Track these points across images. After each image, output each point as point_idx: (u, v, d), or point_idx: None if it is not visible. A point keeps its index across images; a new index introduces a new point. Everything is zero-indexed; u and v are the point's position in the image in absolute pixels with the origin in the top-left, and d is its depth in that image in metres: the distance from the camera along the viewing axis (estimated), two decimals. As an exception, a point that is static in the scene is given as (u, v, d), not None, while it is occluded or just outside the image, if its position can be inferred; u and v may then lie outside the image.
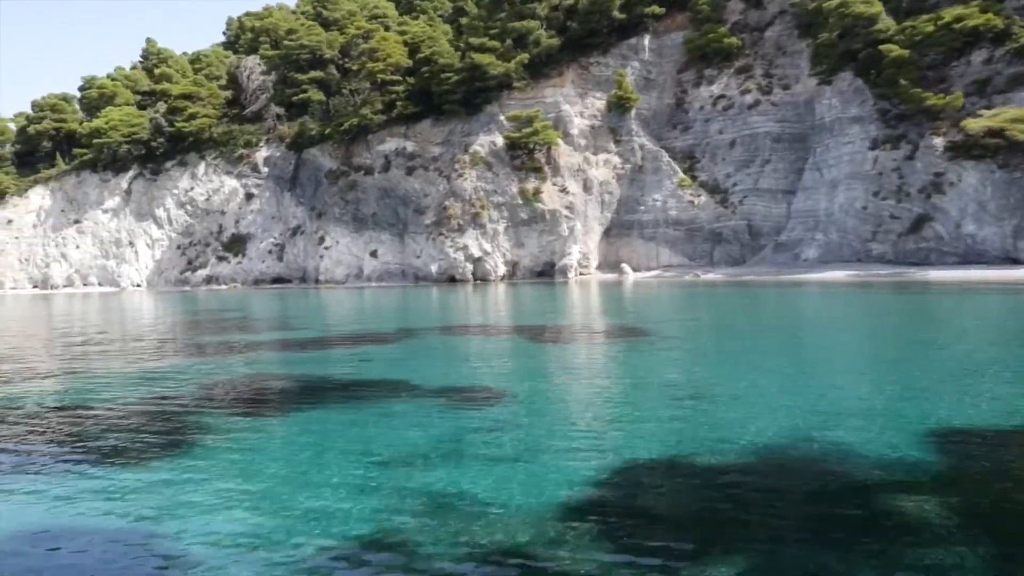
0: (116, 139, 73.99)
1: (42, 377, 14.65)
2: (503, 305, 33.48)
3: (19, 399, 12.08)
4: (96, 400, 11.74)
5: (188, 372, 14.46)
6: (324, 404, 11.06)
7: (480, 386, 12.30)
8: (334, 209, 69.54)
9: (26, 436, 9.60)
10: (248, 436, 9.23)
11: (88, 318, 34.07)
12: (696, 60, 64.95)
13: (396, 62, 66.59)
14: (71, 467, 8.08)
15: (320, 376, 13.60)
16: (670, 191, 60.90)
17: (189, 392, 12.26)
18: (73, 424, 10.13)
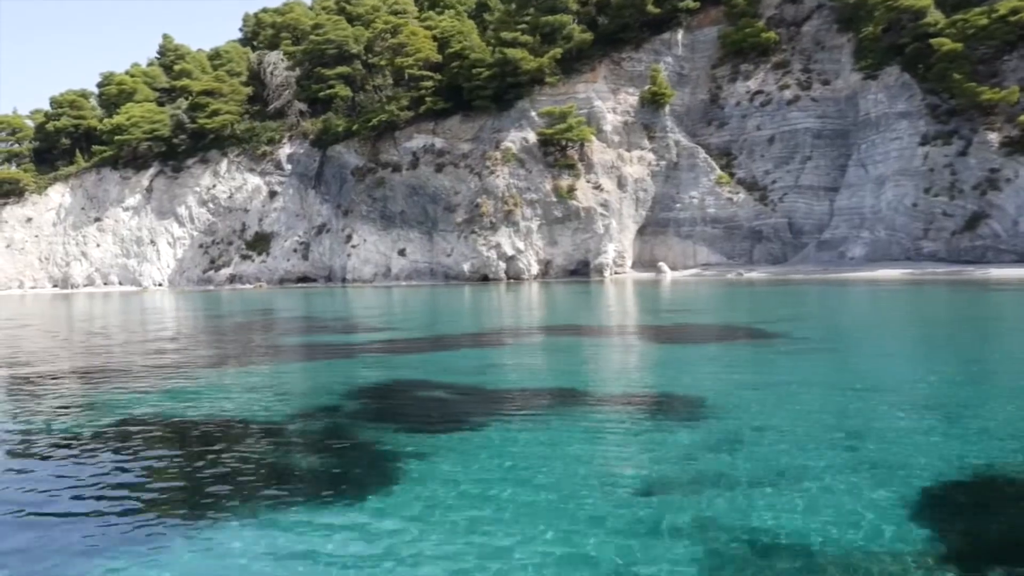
0: (137, 136, 72.80)
1: (178, 398, 13.55)
2: (569, 304, 32.38)
3: (161, 413, 10.96)
4: (247, 416, 10.61)
5: (321, 378, 13.36)
6: (506, 417, 9.93)
7: (663, 394, 11.20)
8: (361, 207, 68.40)
9: (191, 464, 8.47)
10: (446, 457, 8.04)
11: (142, 319, 32.93)
12: (731, 55, 63.83)
13: (425, 57, 65.39)
14: (255, 507, 6.67)
15: (472, 384, 12.47)
16: (708, 188, 59.78)
17: (343, 405, 11.13)
18: (236, 447, 8.96)
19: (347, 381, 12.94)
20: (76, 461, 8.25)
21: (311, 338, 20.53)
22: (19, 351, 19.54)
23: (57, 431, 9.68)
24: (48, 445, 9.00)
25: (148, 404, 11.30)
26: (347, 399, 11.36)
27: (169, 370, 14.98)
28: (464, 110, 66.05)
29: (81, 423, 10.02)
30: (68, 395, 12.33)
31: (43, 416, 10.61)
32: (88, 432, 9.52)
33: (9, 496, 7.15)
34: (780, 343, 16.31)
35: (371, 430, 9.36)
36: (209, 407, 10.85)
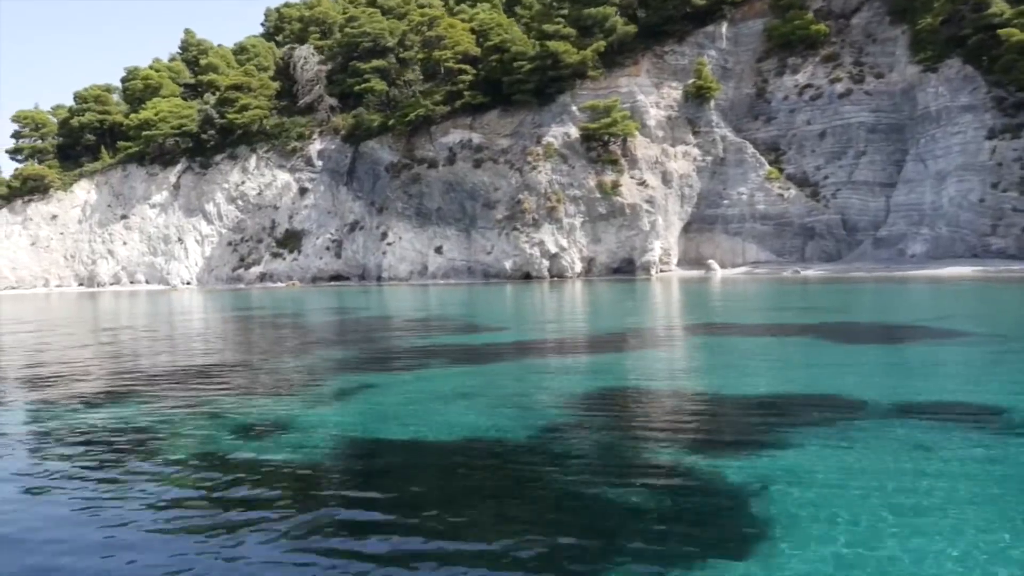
0: (165, 131, 71.35)
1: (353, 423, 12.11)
2: (659, 301, 30.93)
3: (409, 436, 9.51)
4: (506, 434, 9.17)
5: (533, 384, 11.90)
6: (822, 428, 8.48)
7: (960, 403, 9.74)
8: (396, 204, 66.92)
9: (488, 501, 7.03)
10: (799, 481, 6.64)
11: (222, 325, 31.46)
12: (777, 48, 62.43)
13: (464, 50, 63.90)
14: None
15: (735, 393, 11.00)
16: (757, 184, 58.35)
17: (618, 420, 9.67)
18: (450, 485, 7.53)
19: (565, 390, 11.48)
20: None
21: (446, 339, 19.00)
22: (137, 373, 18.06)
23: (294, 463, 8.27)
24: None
25: (394, 423, 9.87)
26: (605, 412, 9.92)
27: (363, 387, 13.54)
28: (503, 105, 64.62)
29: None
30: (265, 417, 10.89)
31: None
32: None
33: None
34: (984, 342, 14.88)
35: (684, 453, 7.89)
36: (455, 428, 9.42)
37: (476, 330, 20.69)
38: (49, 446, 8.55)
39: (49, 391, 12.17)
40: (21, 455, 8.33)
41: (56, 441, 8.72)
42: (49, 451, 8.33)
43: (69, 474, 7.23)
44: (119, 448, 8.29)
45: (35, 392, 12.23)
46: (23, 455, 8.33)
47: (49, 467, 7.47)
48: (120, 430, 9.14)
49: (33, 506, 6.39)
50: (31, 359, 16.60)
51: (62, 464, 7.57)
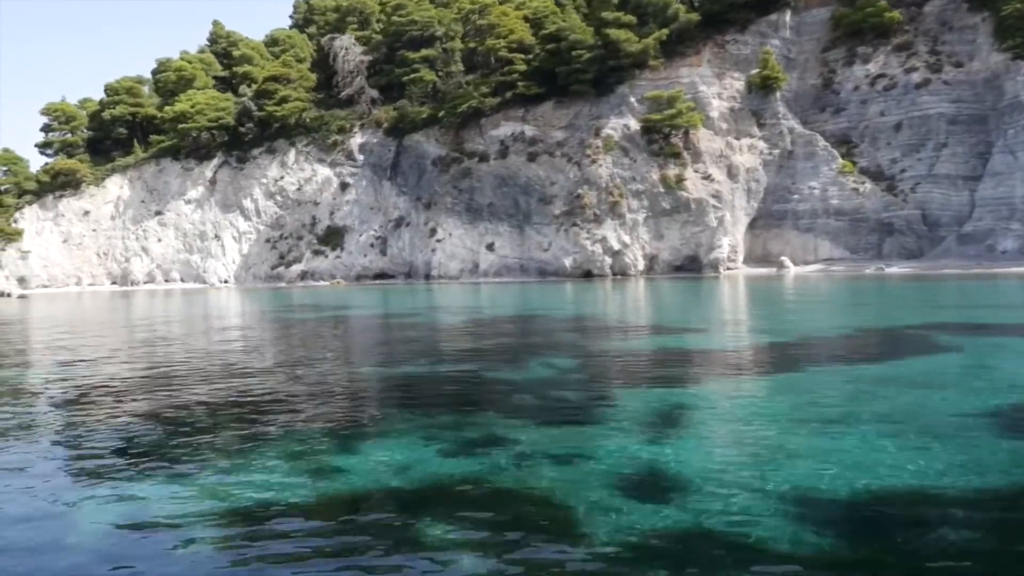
0: (202, 124, 68.86)
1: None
2: (789, 301, 28.49)
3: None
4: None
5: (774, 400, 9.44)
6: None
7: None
8: (445, 199, 64.47)
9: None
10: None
11: (336, 334, 28.92)
12: (845, 37, 60.09)
13: (519, 39, 61.44)
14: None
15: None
16: (829, 178, 55.96)
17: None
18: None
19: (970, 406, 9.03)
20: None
21: (673, 342, 16.62)
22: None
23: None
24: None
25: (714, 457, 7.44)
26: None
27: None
28: (558, 96, 62.23)
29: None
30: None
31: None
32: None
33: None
34: None
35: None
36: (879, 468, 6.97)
37: (675, 331, 18.23)
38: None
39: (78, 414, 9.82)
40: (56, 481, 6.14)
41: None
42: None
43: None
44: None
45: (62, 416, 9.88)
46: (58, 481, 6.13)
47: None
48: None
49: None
50: (64, 373, 14.18)
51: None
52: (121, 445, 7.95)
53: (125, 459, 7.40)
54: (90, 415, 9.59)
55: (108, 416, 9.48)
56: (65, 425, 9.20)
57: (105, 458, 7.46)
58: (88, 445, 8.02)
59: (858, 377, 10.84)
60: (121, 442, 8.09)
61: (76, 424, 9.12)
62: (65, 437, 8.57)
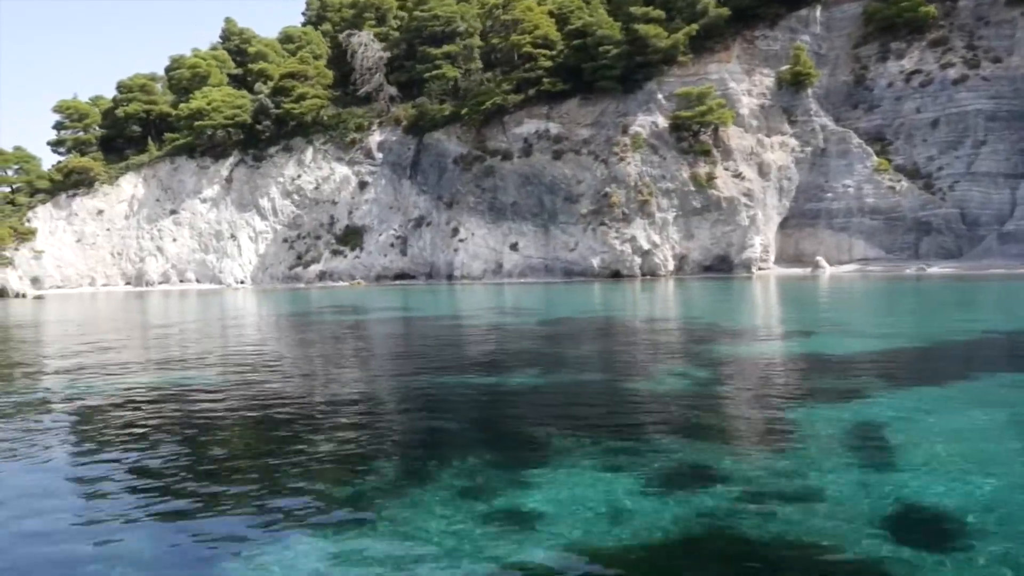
0: (219, 121, 67.57)
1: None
2: (855, 302, 27.24)
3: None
4: None
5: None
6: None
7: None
8: (468, 198, 63.19)
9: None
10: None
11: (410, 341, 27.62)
12: (878, 33, 58.84)
13: (544, 34, 60.18)
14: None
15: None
16: (864, 176, 54.71)
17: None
18: None
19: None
20: None
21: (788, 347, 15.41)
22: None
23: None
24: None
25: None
26: None
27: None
28: (583, 92, 60.97)
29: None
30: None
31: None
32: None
33: None
34: None
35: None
36: None
37: (781, 335, 16.97)
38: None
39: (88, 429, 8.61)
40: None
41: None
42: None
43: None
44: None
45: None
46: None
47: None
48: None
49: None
50: (72, 383, 12.96)
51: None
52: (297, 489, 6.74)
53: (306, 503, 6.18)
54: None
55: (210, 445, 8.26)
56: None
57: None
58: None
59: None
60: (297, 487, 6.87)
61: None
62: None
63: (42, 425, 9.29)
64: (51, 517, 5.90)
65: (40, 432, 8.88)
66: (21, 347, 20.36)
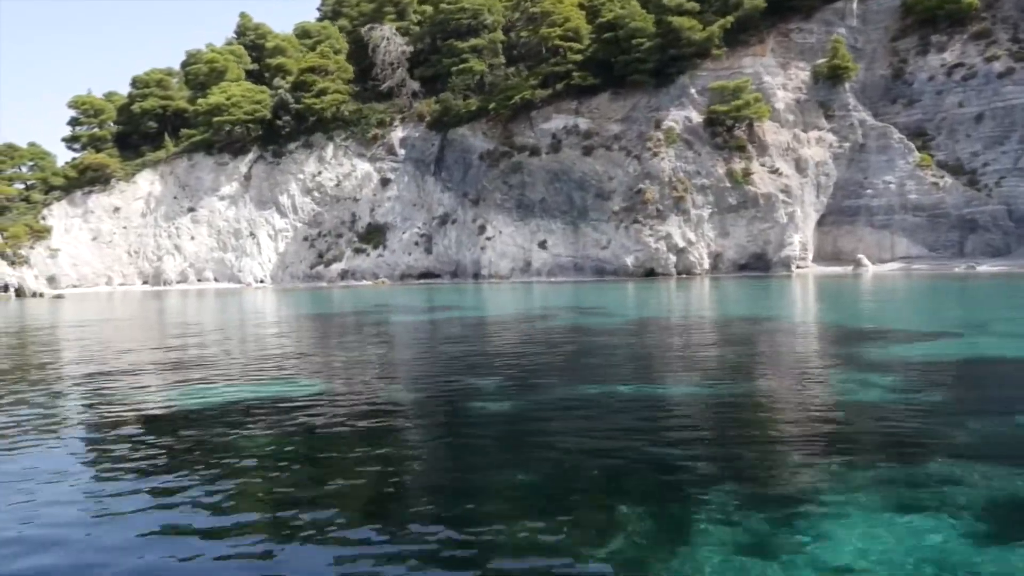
0: (238, 117, 66.09)
1: None
2: (952, 303, 25.78)
3: None
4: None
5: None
6: None
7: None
8: (494, 195, 61.75)
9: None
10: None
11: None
12: (917, 25, 57.44)
13: (576, 27, 58.73)
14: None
15: None
16: (907, 172, 53.27)
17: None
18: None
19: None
20: None
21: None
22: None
23: None
24: None
25: None
26: None
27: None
28: (613, 87, 59.55)
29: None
30: None
31: None
32: None
33: None
34: None
35: None
36: None
37: (928, 336, 15.50)
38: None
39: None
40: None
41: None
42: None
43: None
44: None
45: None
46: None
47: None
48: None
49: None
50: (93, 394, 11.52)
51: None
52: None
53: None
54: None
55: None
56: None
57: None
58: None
59: None
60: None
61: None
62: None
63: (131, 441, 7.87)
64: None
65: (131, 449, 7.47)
66: (62, 351, 18.93)
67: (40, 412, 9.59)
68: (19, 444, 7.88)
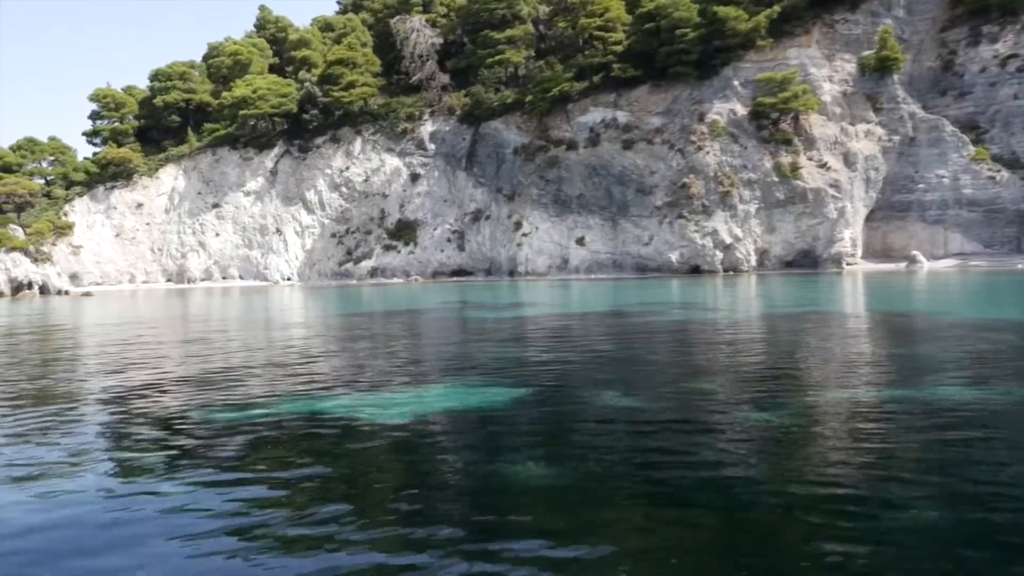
0: (265, 110, 64.48)
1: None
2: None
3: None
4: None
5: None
6: None
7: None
8: (530, 190, 60.18)
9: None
10: None
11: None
12: (966, 16, 55.83)
13: (616, 17, 57.18)
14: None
15: None
16: (961, 166, 51.77)
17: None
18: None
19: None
20: None
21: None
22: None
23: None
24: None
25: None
26: None
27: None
28: (654, 79, 57.99)
29: None
30: None
31: None
32: None
33: None
34: None
35: None
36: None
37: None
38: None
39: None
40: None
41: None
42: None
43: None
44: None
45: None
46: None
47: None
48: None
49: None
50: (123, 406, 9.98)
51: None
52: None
53: None
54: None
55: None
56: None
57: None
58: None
59: None
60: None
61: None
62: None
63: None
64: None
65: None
66: (109, 349, 17.35)
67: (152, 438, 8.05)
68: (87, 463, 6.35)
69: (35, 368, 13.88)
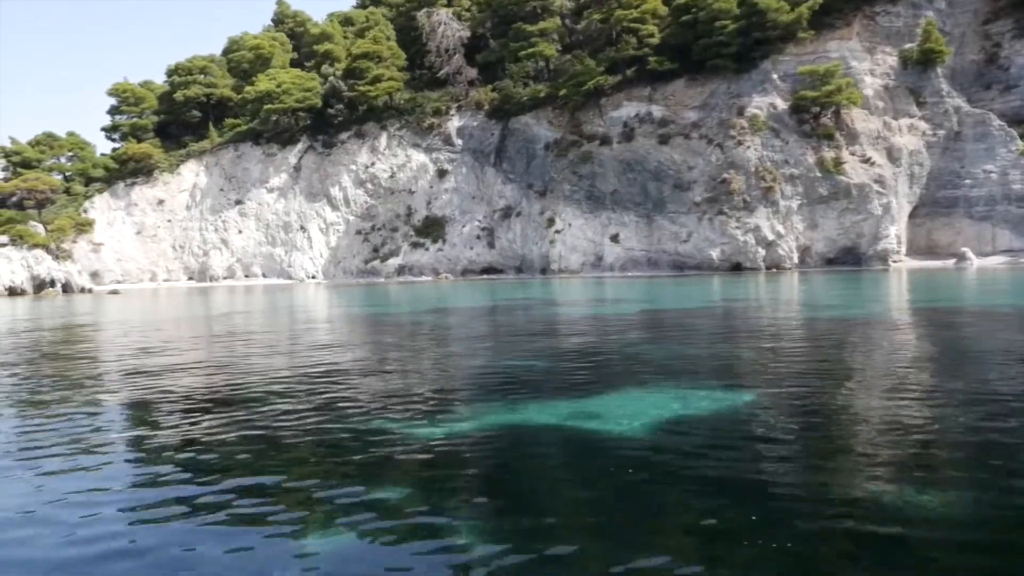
0: (289, 104, 63.11)
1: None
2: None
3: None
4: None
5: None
6: None
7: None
8: (563, 186, 58.89)
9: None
10: None
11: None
12: (1010, 8, 54.75)
13: (653, 8, 55.93)
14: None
15: None
16: (1009, 161, 50.61)
17: None
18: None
19: None
20: None
21: None
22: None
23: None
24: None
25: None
26: None
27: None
28: (690, 72, 56.75)
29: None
30: None
31: None
32: None
33: None
34: None
35: None
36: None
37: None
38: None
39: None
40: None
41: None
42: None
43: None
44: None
45: None
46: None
47: None
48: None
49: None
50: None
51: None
52: None
53: None
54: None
55: None
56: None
57: None
58: None
59: None
60: None
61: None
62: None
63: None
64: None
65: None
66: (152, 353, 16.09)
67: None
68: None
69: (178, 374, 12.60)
